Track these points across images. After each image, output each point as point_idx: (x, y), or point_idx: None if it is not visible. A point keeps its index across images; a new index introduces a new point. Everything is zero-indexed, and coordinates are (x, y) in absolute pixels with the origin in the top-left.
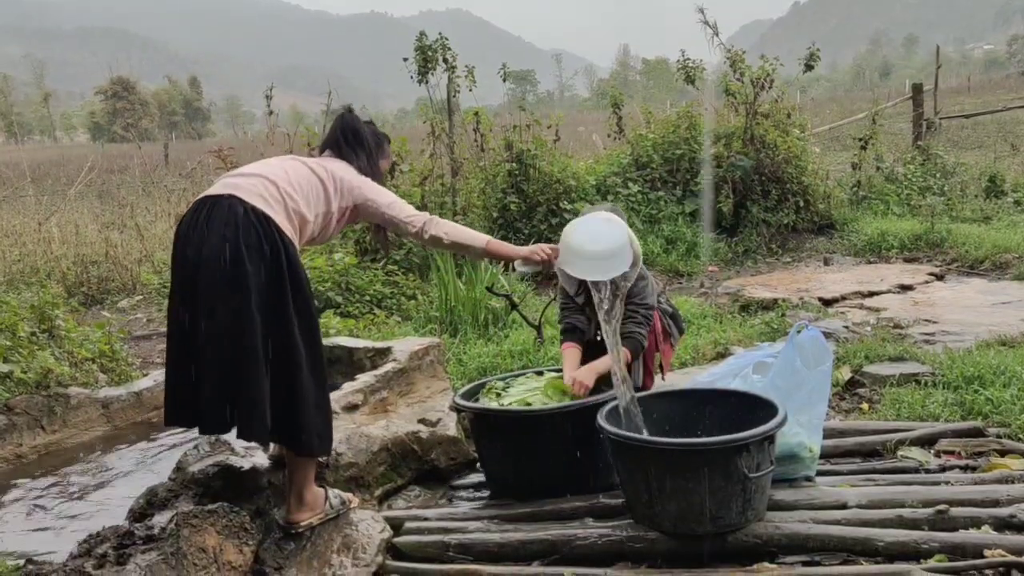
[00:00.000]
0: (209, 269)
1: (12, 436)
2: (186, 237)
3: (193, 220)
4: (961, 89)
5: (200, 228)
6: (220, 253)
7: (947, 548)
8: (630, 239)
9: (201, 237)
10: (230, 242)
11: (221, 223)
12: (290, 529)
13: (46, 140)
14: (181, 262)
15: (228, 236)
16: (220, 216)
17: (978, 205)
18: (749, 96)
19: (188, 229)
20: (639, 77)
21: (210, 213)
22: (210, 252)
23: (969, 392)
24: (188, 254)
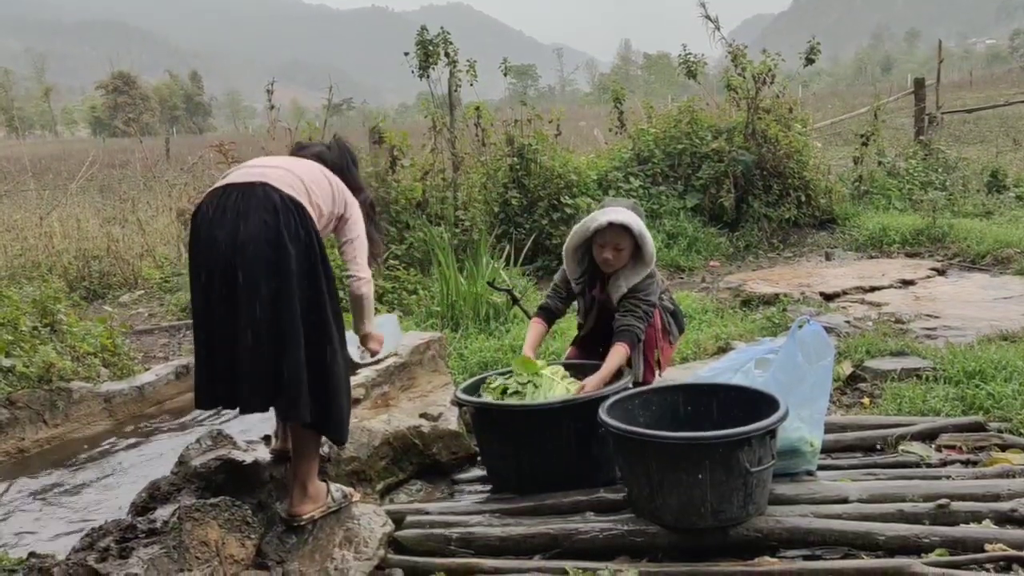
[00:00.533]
0: (249, 252)
1: (14, 430)
2: (215, 221)
3: (221, 205)
4: (963, 84)
5: (232, 212)
6: (261, 235)
7: (948, 542)
8: (645, 239)
9: (236, 221)
10: (271, 226)
11: (260, 208)
12: (292, 522)
13: (47, 135)
14: (209, 245)
15: (268, 221)
16: (256, 201)
17: (980, 200)
18: (750, 91)
19: (217, 213)
20: (640, 72)
21: (243, 199)
22: (248, 235)
23: (970, 387)
24: (218, 237)
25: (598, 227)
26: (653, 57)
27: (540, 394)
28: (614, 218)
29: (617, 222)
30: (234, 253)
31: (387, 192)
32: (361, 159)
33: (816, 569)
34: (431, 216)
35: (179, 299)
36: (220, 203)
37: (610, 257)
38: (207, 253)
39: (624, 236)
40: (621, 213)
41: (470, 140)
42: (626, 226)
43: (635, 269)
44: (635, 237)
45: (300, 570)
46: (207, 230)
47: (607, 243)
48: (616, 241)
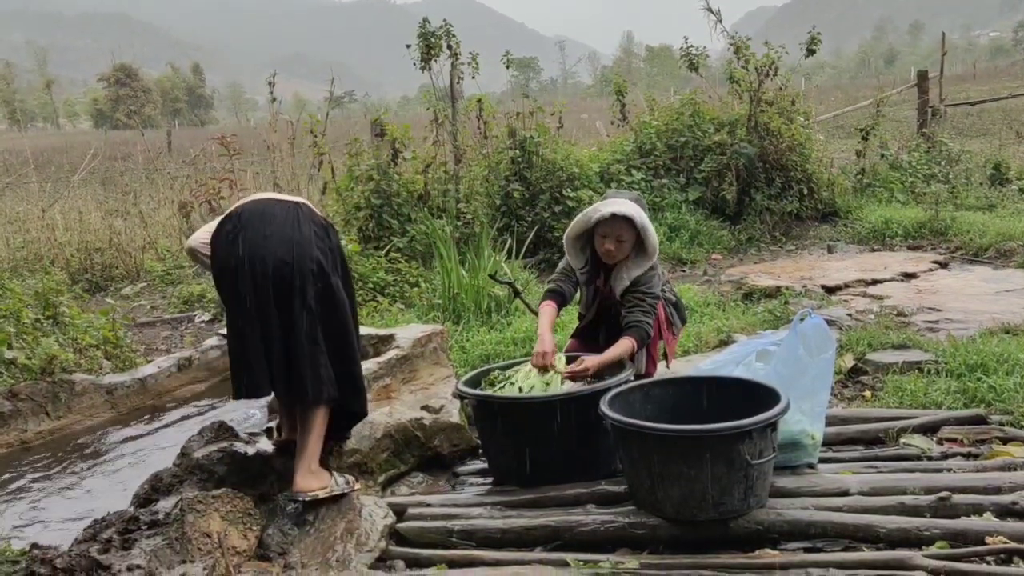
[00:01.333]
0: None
1: (17, 422)
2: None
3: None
4: (966, 76)
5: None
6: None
7: (949, 535)
8: (648, 231)
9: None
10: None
11: (308, 220)
12: (298, 497)
13: (49, 127)
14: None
15: (318, 232)
16: (304, 215)
17: (983, 193)
18: (753, 83)
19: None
20: (643, 64)
21: (291, 210)
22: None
23: (972, 380)
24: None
25: (600, 218)
26: (655, 49)
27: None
28: (616, 209)
29: (620, 213)
30: (290, 252)
31: (389, 185)
32: (363, 152)
33: (817, 561)
34: (433, 209)
35: (181, 292)
36: (269, 209)
37: (612, 248)
38: (256, 250)
39: (626, 228)
40: (624, 204)
41: (472, 133)
42: (628, 217)
43: (637, 261)
44: (637, 229)
45: (302, 561)
46: (256, 230)
47: (609, 234)
48: (618, 232)
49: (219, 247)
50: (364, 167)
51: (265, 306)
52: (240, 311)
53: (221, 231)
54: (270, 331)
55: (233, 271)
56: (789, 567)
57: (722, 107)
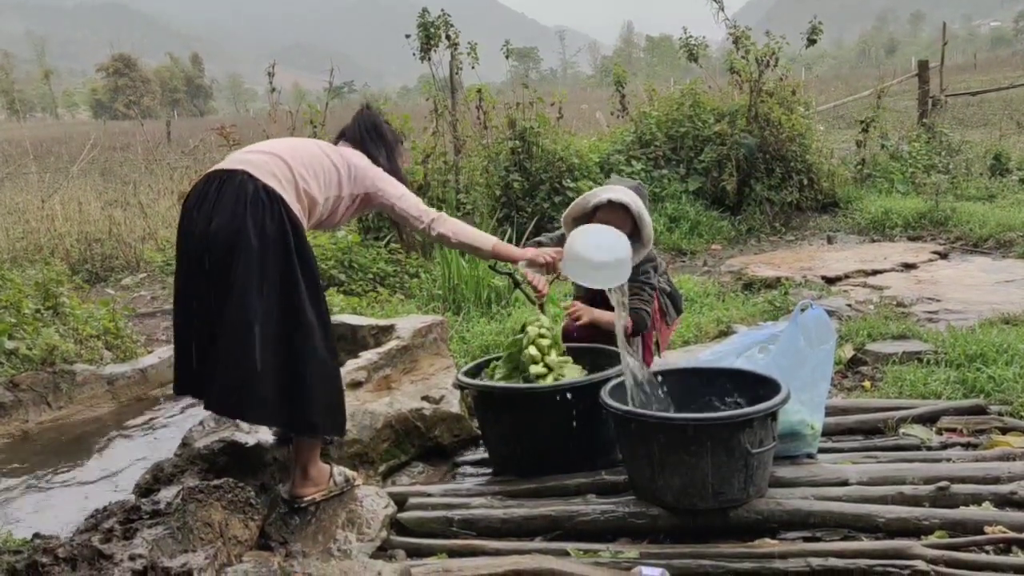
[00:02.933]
0: (217, 241)
1: (18, 412)
2: (195, 209)
3: (203, 193)
4: (967, 66)
5: (210, 202)
6: (228, 226)
7: (948, 524)
8: (644, 220)
9: (210, 211)
10: (238, 217)
11: (232, 198)
12: (294, 503)
13: (48, 117)
14: (187, 234)
15: (237, 211)
16: (231, 191)
17: (983, 183)
18: (753, 74)
19: (198, 201)
20: (643, 54)
21: (221, 187)
22: (218, 225)
23: (971, 370)
24: (196, 228)
25: (598, 203)
26: (656, 40)
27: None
28: (613, 196)
29: (616, 200)
30: (206, 242)
31: None
32: None
33: (816, 551)
34: (433, 199)
35: None
36: (203, 190)
37: None
38: (186, 244)
39: (623, 216)
40: (622, 192)
41: (472, 123)
42: (625, 205)
43: (633, 251)
44: (634, 218)
45: (303, 551)
46: (188, 221)
47: (605, 220)
48: (614, 220)
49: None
50: None
51: (188, 300)
52: (174, 302)
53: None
54: (191, 328)
55: (177, 258)
56: (788, 556)
57: (722, 97)
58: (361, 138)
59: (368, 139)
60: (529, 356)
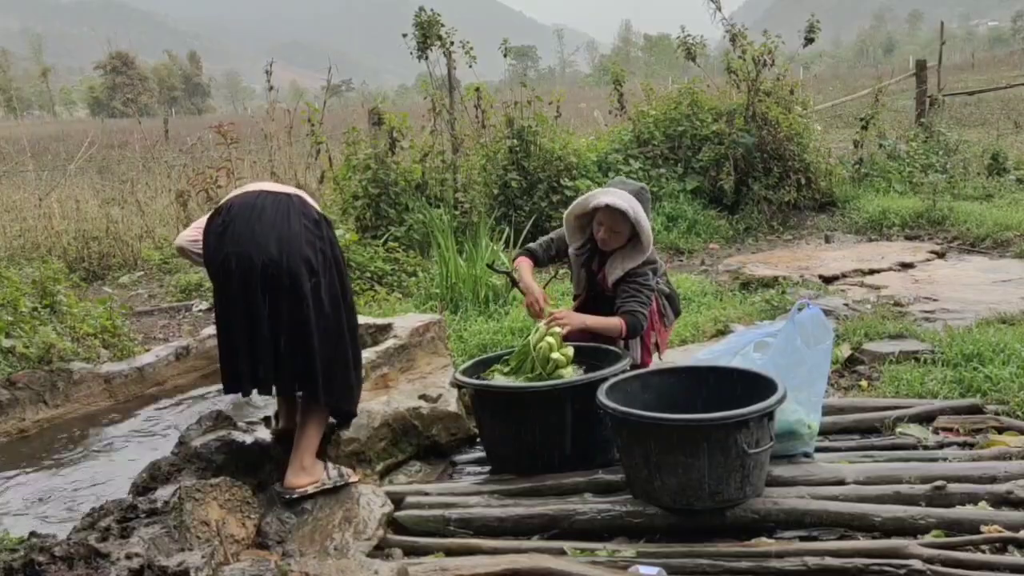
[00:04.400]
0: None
1: (15, 411)
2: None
3: (260, 204)
4: (965, 66)
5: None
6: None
7: (944, 524)
8: (642, 226)
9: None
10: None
11: (299, 213)
12: (286, 494)
13: (45, 115)
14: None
15: (309, 225)
16: (295, 207)
17: (980, 183)
18: (751, 73)
19: (256, 211)
20: (641, 53)
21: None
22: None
23: (968, 370)
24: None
25: (596, 205)
26: (654, 38)
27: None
28: (612, 201)
29: (614, 205)
30: (279, 248)
31: (386, 174)
32: (361, 141)
33: (813, 550)
34: (430, 198)
35: (179, 280)
36: (259, 202)
37: (606, 238)
38: (245, 246)
39: (621, 220)
40: (621, 197)
41: (470, 122)
42: (623, 211)
43: (631, 254)
44: (633, 223)
45: (300, 550)
46: (245, 224)
47: (604, 223)
48: (612, 223)
49: (209, 241)
50: (362, 156)
51: (252, 304)
52: (227, 306)
53: (211, 224)
54: (258, 329)
55: (220, 266)
56: (785, 555)
57: (720, 97)
58: None
59: None
60: (548, 345)
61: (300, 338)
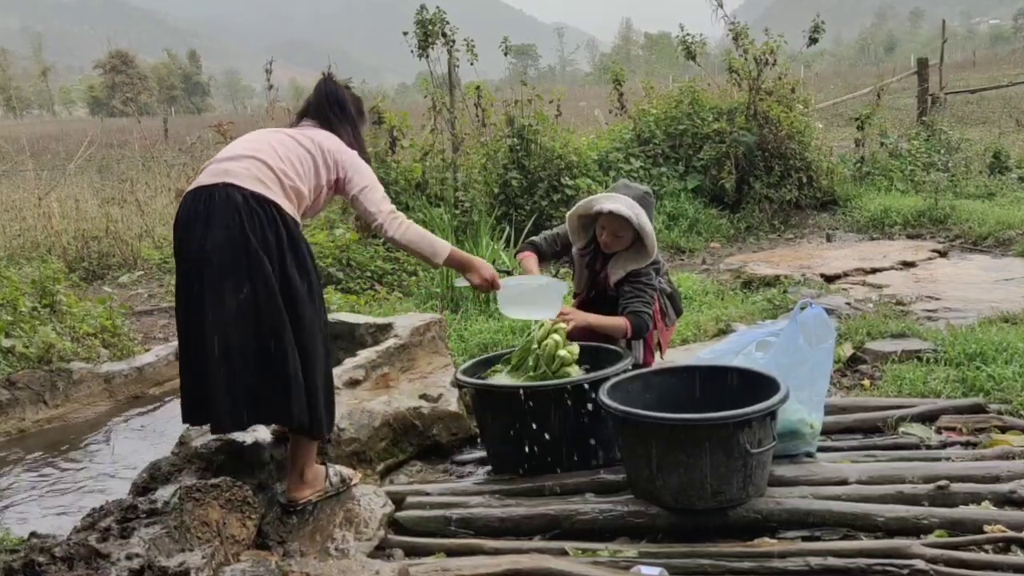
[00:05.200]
0: (215, 260)
1: (15, 410)
2: (187, 229)
3: (193, 212)
4: (966, 64)
5: (201, 220)
6: (225, 242)
7: (947, 524)
8: (645, 231)
9: (204, 230)
10: (233, 229)
11: (224, 213)
12: (290, 507)
13: (45, 114)
14: (185, 256)
15: (232, 225)
16: (220, 206)
17: (982, 181)
18: (752, 72)
19: (189, 222)
20: (642, 52)
21: (208, 204)
22: (214, 243)
23: (971, 369)
24: (192, 248)
25: (599, 210)
26: (654, 37)
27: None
28: (615, 208)
29: (618, 212)
30: (200, 264)
31: (387, 173)
32: None
33: (815, 550)
34: (431, 197)
35: None
36: (192, 210)
37: (608, 241)
38: (184, 266)
39: (624, 225)
40: (625, 203)
41: (470, 120)
42: (628, 220)
43: (635, 257)
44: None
45: (301, 550)
46: (183, 241)
47: (607, 227)
48: (615, 228)
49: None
50: None
51: (189, 319)
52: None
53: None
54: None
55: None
56: (787, 555)
57: (721, 95)
58: (326, 115)
59: (332, 115)
60: (554, 343)
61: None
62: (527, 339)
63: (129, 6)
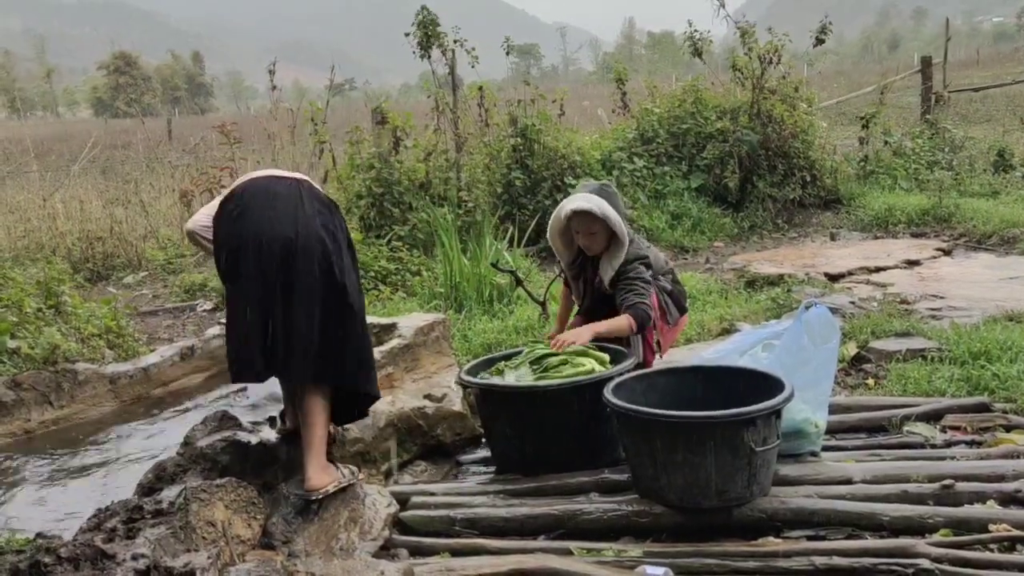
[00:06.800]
0: (311, 231)
1: (20, 411)
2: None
3: (272, 189)
4: (970, 62)
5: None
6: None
7: (952, 523)
8: (611, 220)
9: (293, 203)
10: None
11: (311, 198)
12: (310, 496)
13: (49, 116)
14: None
15: (322, 210)
16: (307, 192)
17: (986, 179)
18: (756, 71)
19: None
20: (644, 51)
21: (293, 187)
22: (308, 217)
23: (976, 367)
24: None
25: (566, 215)
26: (657, 36)
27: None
28: (576, 206)
29: (579, 209)
30: (296, 230)
31: (390, 173)
32: (364, 140)
33: (820, 549)
34: (434, 197)
35: (183, 280)
36: (272, 187)
37: (587, 243)
38: (262, 229)
39: (593, 221)
40: (583, 199)
41: (473, 120)
42: (590, 212)
43: (616, 252)
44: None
45: (306, 550)
46: (260, 208)
47: (580, 230)
48: (586, 227)
49: (222, 227)
50: (365, 155)
51: (269, 286)
52: (242, 291)
53: (223, 211)
54: (272, 312)
55: (235, 251)
56: (792, 555)
57: (725, 94)
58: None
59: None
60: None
61: (319, 318)
62: (535, 352)
63: (130, 7)
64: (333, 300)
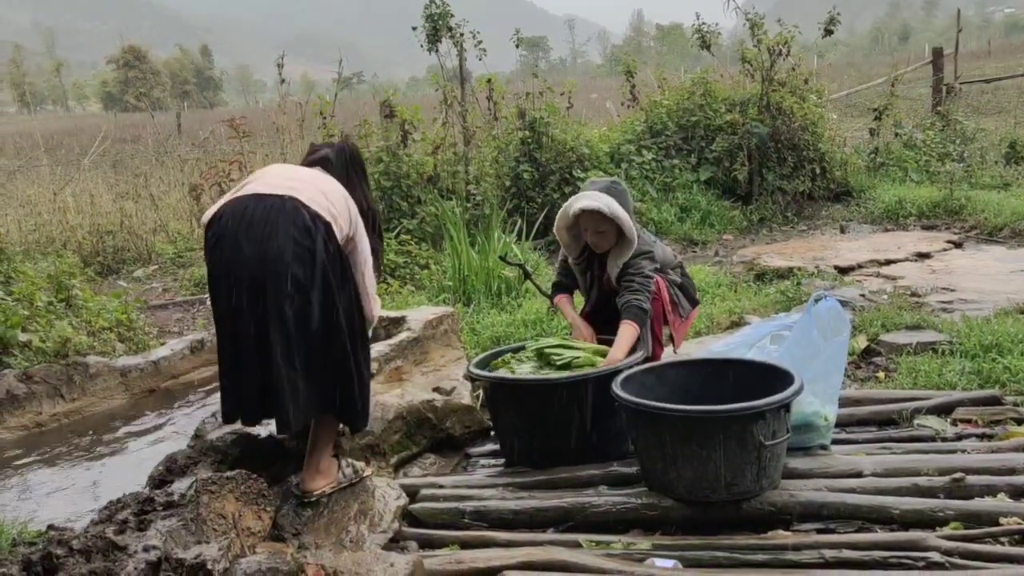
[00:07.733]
0: (279, 267)
1: (32, 404)
2: (241, 230)
3: (248, 214)
4: (981, 53)
5: (261, 223)
6: (290, 251)
7: (963, 516)
8: (620, 219)
9: (264, 232)
10: (300, 244)
11: (289, 223)
12: (304, 497)
13: (58, 110)
14: (235, 253)
15: (298, 238)
16: (286, 216)
17: (998, 172)
18: (765, 63)
19: (244, 223)
20: (653, 43)
21: (272, 211)
22: (278, 250)
23: (987, 360)
24: (244, 247)
25: (574, 213)
26: (666, 28)
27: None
28: (585, 204)
29: (588, 208)
30: (262, 266)
31: (398, 166)
32: (372, 133)
33: (830, 542)
34: (443, 190)
35: (192, 274)
36: (248, 211)
37: (595, 240)
38: (232, 262)
39: (601, 220)
40: (593, 198)
41: (481, 113)
42: (599, 211)
43: (623, 249)
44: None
45: (316, 543)
46: (232, 238)
47: (588, 227)
48: (595, 225)
49: (206, 253)
50: (374, 149)
51: (240, 323)
52: (220, 329)
53: (205, 236)
54: (245, 351)
55: (211, 284)
56: (802, 548)
57: (734, 86)
58: (348, 175)
59: (354, 176)
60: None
61: (287, 363)
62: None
63: (139, 1)
64: (314, 341)
